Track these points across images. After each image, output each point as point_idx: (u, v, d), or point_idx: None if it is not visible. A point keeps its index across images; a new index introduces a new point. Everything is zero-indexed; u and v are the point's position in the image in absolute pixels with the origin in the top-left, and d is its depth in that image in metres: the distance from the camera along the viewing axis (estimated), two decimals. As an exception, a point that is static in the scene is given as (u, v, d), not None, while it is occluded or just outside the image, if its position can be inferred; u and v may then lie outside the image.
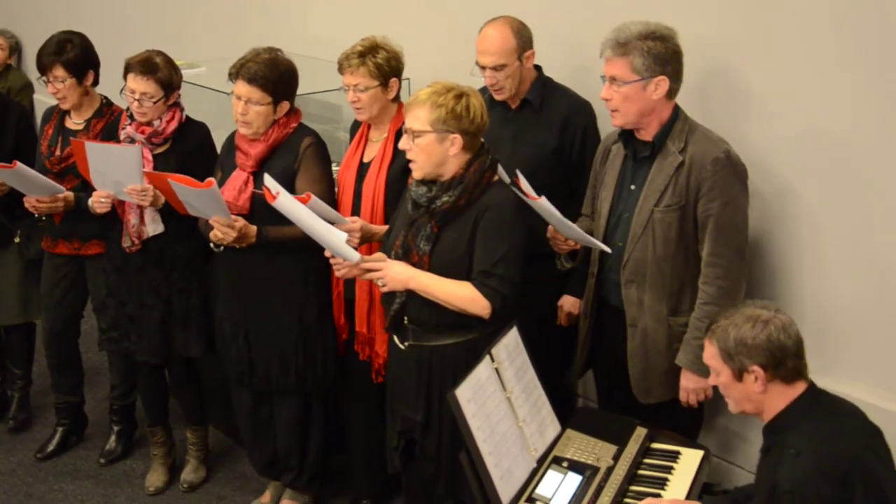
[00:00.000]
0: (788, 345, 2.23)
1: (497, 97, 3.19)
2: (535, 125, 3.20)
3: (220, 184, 3.16)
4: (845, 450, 2.19)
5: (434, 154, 2.69)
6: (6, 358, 4.16)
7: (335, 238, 2.75)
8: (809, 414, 2.25)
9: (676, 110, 2.82)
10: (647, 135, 2.81)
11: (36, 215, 3.59)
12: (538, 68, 3.24)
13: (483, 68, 3.13)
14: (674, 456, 2.76)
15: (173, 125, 3.36)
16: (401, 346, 2.87)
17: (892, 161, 2.76)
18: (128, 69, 3.31)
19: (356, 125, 3.35)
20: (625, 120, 2.78)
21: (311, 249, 2.95)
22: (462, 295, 2.70)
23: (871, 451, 2.23)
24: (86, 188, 3.45)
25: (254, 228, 3.09)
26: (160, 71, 3.29)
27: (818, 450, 2.18)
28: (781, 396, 2.27)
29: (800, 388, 2.27)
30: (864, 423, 2.30)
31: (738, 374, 2.26)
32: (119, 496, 3.73)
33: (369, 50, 3.12)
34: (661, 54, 2.71)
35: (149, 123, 3.33)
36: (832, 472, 2.14)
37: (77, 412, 4.06)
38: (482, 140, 2.77)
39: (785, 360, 2.23)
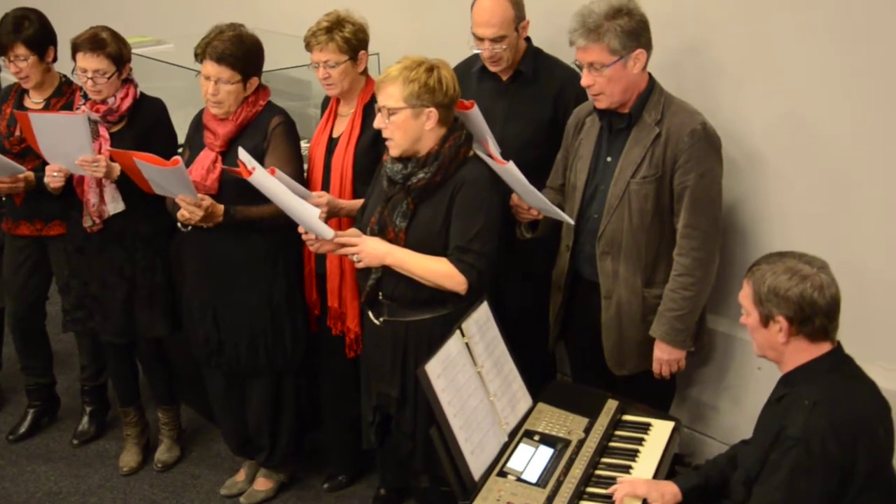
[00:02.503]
0: (820, 304, 2.22)
1: (493, 68, 3.15)
2: (528, 97, 3.17)
3: (188, 163, 3.12)
4: (860, 414, 2.20)
5: (410, 130, 2.66)
6: (-26, 342, 4.13)
7: (309, 214, 2.73)
8: (830, 373, 2.25)
9: (651, 81, 2.81)
10: (624, 107, 2.79)
11: None
12: (528, 39, 3.20)
13: (481, 40, 3.08)
14: (644, 428, 2.76)
15: (128, 102, 3.30)
16: (376, 321, 2.86)
17: (860, 129, 2.77)
18: (76, 48, 3.24)
19: (327, 100, 3.32)
20: (611, 101, 2.76)
21: (278, 228, 2.91)
22: (438, 270, 2.68)
23: (880, 422, 2.24)
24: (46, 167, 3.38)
25: (221, 207, 3.06)
26: (108, 45, 3.23)
27: (834, 406, 2.18)
28: (803, 352, 2.27)
29: (824, 347, 2.27)
30: (879, 397, 2.31)
31: (765, 321, 2.27)
32: (93, 476, 3.71)
33: (335, 24, 3.08)
34: (634, 29, 2.69)
35: (103, 101, 3.28)
36: (843, 431, 2.15)
37: (48, 394, 4.04)
38: (455, 115, 2.74)
39: (813, 317, 2.22)
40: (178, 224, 3.12)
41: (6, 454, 3.85)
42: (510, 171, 2.71)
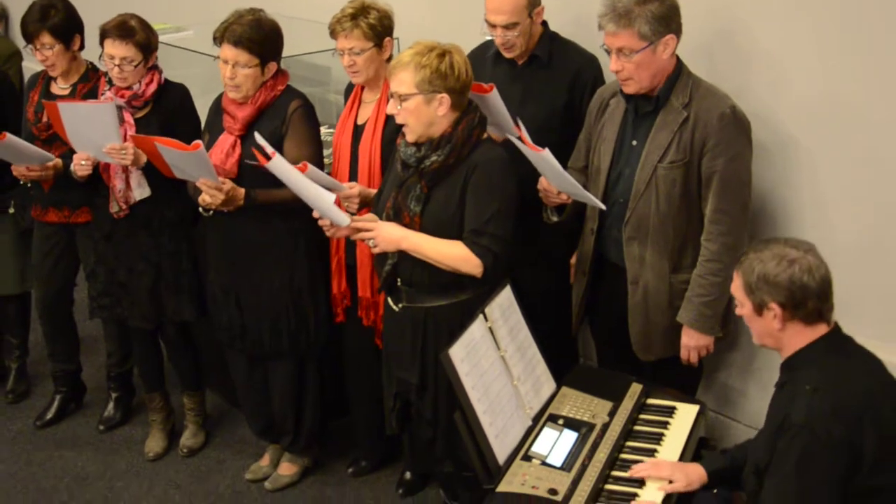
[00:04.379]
0: (811, 286, 2.21)
1: (507, 55, 3.15)
2: (543, 81, 3.16)
3: (208, 147, 3.14)
4: (861, 393, 2.19)
5: (423, 115, 2.66)
6: (4, 329, 4.17)
7: (325, 199, 2.74)
8: (830, 355, 2.25)
9: (679, 65, 2.79)
10: (651, 91, 2.78)
11: (23, 182, 3.56)
12: (544, 24, 3.19)
13: (493, 26, 3.08)
14: (669, 411, 2.76)
15: (153, 87, 3.33)
16: (395, 307, 2.87)
17: (894, 116, 2.72)
18: (104, 35, 3.26)
19: (350, 87, 3.31)
20: (639, 86, 2.75)
21: (300, 212, 2.92)
22: (454, 254, 2.69)
23: (889, 399, 2.22)
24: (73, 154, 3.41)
25: (242, 191, 3.08)
26: (137, 34, 3.25)
27: (834, 389, 2.18)
28: (800, 336, 2.27)
29: (821, 329, 2.27)
30: (882, 373, 2.30)
31: (759, 309, 2.27)
32: (119, 462, 3.75)
33: (360, 11, 3.08)
34: (665, 14, 2.67)
35: (128, 87, 3.30)
36: (846, 412, 2.14)
37: (74, 380, 4.07)
38: (469, 98, 2.73)
39: (806, 300, 2.22)
40: (200, 208, 3.14)
41: (34, 439, 3.89)
42: (545, 158, 2.70)
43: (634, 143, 2.83)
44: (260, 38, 3.06)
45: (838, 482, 2.14)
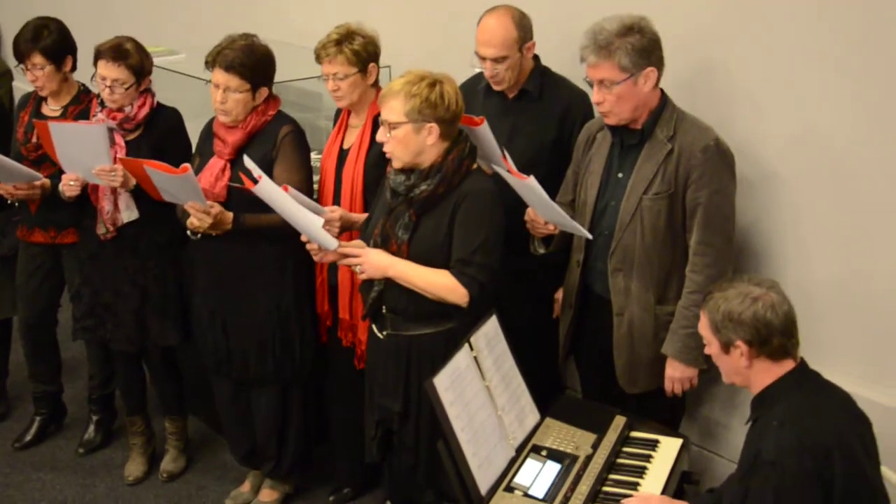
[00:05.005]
0: (775, 323, 2.24)
1: (495, 87, 3.17)
2: (533, 116, 3.18)
3: (198, 170, 3.15)
4: (829, 426, 2.20)
5: (411, 144, 2.68)
6: (-18, 349, 4.15)
7: (312, 224, 2.75)
8: (797, 390, 2.26)
9: (664, 98, 2.82)
10: (636, 123, 2.80)
11: (10, 202, 3.55)
12: (536, 58, 3.21)
13: (483, 59, 3.10)
14: (653, 444, 2.76)
15: (145, 111, 3.34)
16: (379, 335, 2.87)
17: (873, 152, 2.76)
18: (98, 56, 3.28)
19: (339, 112, 3.34)
20: (619, 118, 2.77)
21: (287, 237, 2.92)
22: (440, 283, 2.69)
23: (857, 436, 2.24)
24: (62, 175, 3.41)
25: (230, 215, 3.08)
26: (131, 57, 3.26)
27: (801, 423, 2.19)
28: (768, 372, 2.29)
29: (787, 366, 2.29)
30: (852, 408, 2.31)
31: (725, 347, 2.29)
32: (98, 486, 3.72)
33: (345, 37, 3.10)
34: (645, 46, 2.70)
35: (120, 109, 3.31)
36: (814, 446, 2.15)
37: (55, 402, 4.05)
38: (459, 128, 2.75)
39: (771, 337, 2.24)
40: (188, 232, 3.14)
41: (12, 462, 3.86)
42: (530, 187, 2.71)
43: (620, 175, 2.85)
44: (251, 64, 3.08)
45: None
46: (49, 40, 3.47)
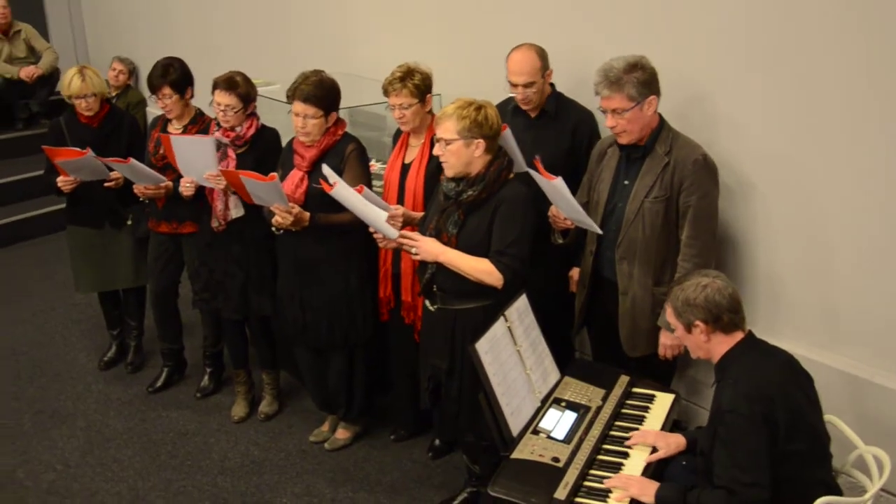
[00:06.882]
0: (723, 303, 2.27)
1: (525, 108, 3.16)
2: (551, 131, 3.16)
3: (281, 179, 3.15)
4: (772, 378, 2.22)
5: (462, 156, 2.67)
6: (125, 314, 4.21)
7: (378, 217, 2.77)
8: (746, 354, 2.28)
9: (661, 120, 2.80)
10: (640, 141, 2.78)
11: (141, 199, 3.62)
12: (551, 84, 3.20)
13: (515, 86, 3.09)
14: (650, 398, 2.75)
15: (251, 131, 3.37)
16: (431, 308, 2.87)
17: (829, 163, 2.73)
18: (215, 86, 3.31)
19: (398, 132, 3.33)
20: (630, 138, 2.76)
21: (353, 232, 2.93)
22: (481, 268, 2.69)
23: (798, 388, 2.25)
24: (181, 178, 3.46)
25: (307, 214, 3.09)
26: (240, 87, 3.29)
27: (750, 378, 2.22)
28: (723, 344, 2.31)
29: (738, 336, 2.31)
30: (794, 366, 2.32)
31: (688, 328, 2.32)
32: (211, 423, 3.78)
33: (407, 74, 3.09)
34: (647, 79, 2.68)
35: (232, 129, 3.34)
36: (760, 393, 2.18)
37: (178, 357, 4.10)
38: (500, 144, 2.74)
39: (721, 315, 2.27)
40: (273, 228, 3.15)
41: (146, 402, 3.93)
42: (556, 187, 2.70)
43: (626, 182, 2.83)
44: (323, 94, 3.07)
45: (765, 449, 2.16)
46: (175, 75, 3.50)
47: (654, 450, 2.50)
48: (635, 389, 2.79)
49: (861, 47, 2.57)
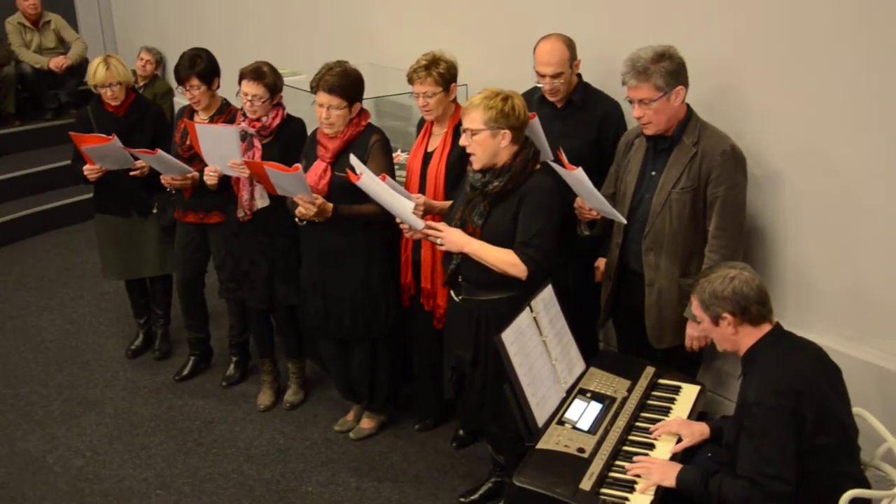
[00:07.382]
0: (751, 295, 2.25)
1: (552, 98, 3.15)
2: (577, 121, 3.15)
3: (304, 170, 3.15)
4: (800, 372, 2.20)
5: (489, 147, 2.67)
6: (152, 302, 4.26)
7: (404, 207, 2.78)
8: (774, 346, 2.27)
9: (689, 111, 2.77)
10: (667, 132, 2.76)
11: (168, 189, 3.66)
12: (578, 75, 3.18)
13: (542, 76, 3.08)
14: (676, 390, 2.74)
15: (277, 121, 3.38)
16: (455, 298, 2.88)
17: (858, 155, 2.70)
18: (242, 76, 3.32)
19: (422, 121, 3.33)
20: (657, 128, 2.74)
21: (375, 224, 2.93)
22: (505, 259, 2.69)
23: (826, 380, 2.23)
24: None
25: (330, 205, 3.09)
26: (267, 77, 3.30)
27: (778, 371, 2.20)
28: (750, 336, 2.29)
29: (765, 328, 2.29)
30: (822, 358, 2.30)
31: (715, 320, 2.30)
32: (237, 411, 3.81)
33: (432, 63, 3.09)
34: (674, 70, 2.66)
35: (258, 119, 3.35)
36: (788, 387, 2.16)
37: (205, 346, 4.14)
38: (526, 134, 2.73)
39: (749, 307, 2.26)
40: (296, 219, 3.16)
41: (174, 390, 3.97)
42: (577, 177, 2.68)
43: (653, 173, 2.82)
44: (347, 85, 3.07)
45: (791, 443, 2.15)
46: (202, 66, 3.51)
47: (680, 440, 2.49)
48: (661, 381, 2.78)
49: (894, 38, 2.52)
